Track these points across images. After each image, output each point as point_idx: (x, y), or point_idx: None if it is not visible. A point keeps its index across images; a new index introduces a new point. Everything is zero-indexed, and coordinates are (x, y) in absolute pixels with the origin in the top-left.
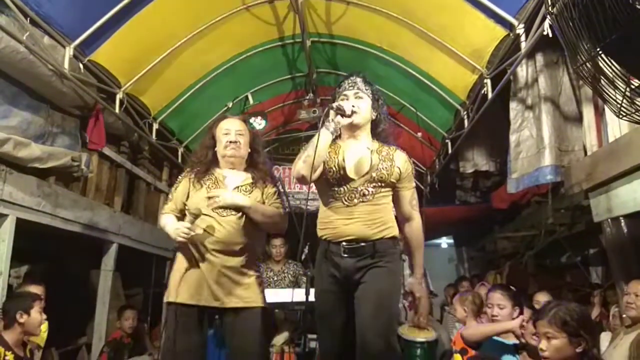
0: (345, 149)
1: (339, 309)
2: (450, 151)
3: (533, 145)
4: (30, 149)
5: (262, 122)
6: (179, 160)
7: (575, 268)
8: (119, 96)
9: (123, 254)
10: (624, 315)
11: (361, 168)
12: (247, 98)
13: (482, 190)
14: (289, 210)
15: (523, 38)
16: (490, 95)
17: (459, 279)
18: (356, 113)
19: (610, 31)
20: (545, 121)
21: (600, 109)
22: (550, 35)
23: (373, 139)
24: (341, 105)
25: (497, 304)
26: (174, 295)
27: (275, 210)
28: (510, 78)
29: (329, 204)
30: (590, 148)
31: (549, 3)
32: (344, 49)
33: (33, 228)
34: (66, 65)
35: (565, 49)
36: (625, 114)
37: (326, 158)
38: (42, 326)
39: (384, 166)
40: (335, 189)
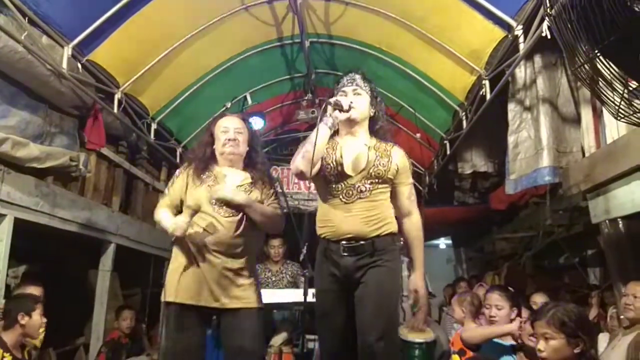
0: (343, 146)
1: (339, 308)
2: (448, 152)
3: (531, 146)
4: (28, 149)
5: (261, 123)
6: (177, 160)
7: (573, 269)
8: (117, 96)
9: (121, 254)
10: (622, 317)
11: (358, 164)
12: (246, 98)
13: (481, 191)
14: (288, 210)
15: (521, 39)
16: (488, 97)
17: (457, 279)
18: (354, 108)
19: (608, 33)
20: (544, 122)
21: (599, 111)
22: (549, 36)
23: (371, 136)
24: (339, 101)
25: (495, 304)
26: (173, 295)
27: (274, 210)
28: (509, 79)
29: (327, 202)
30: (588, 149)
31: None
32: (342, 50)
33: (31, 228)
34: (64, 65)
35: (563, 51)
36: (623, 115)
37: (324, 154)
38: None
39: (381, 162)
40: (333, 185)
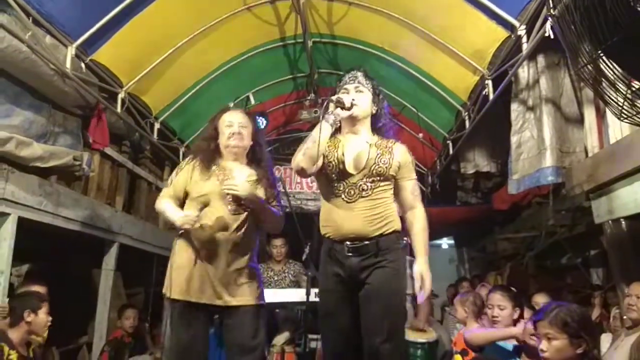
0: (345, 144)
1: (343, 309)
2: (451, 152)
3: (534, 146)
4: (32, 148)
5: (264, 122)
6: (180, 159)
7: (575, 269)
8: (120, 96)
9: (124, 254)
10: (625, 317)
11: (360, 162)
12: (249, 98)
13: (483, 191)
14: (290, 210)
15: (524, 39)
16: (491, 96)
17: (459, 279)
18: (356, 106)
19: (611, 33)
20: (547, 122)
21: (602, 111)
22: (552, 36)
23: (373, 133)
24: (340, 98)
25: (498, 304)
26: (177, 292)
27: (277, 210)
28: (512, 79)
29: (329, 201)
30: (591, 149)
31: (550, 5)
32: (345, 50)
33: (34, 227)
34: (68, 64)
35: (566, 51)
36: (626, 116)
37: (326, 152)
38: None
39: (382, 160)
40: (335, 184)
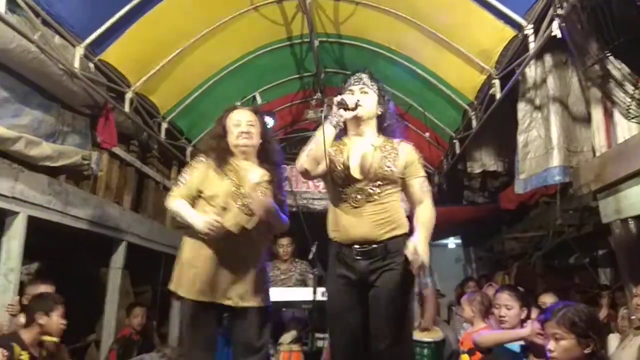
0: (350, 148)
1: (352, 310)
2: (458, 151)
3: (541, 145)
4: (41, 148)
5: (271, 121)
6: (188, 159)
7: (583, 269)
8: (128, 95)
9: (132, 252)
10: (633, 317)
11: (364, 167)
12: (255, 97)
13: (490, 190)
14: (297, 209)
15: (532, 38)
16: (498, 96)
17: (465, 279)
18: (361, 106)
19: (618, 34)
20: (554, 122)
21: (610, 110)
22: (559, 36)
23: (378, 134)
24: (343, 99)
25: (505, 304)
26: (188, 292)
27: (285, 217)
28: (519, 78)
29: (337, 206)
30: (599, 149)
31: (557, 5)
32: (352, 49)
33: (44, 226)
34: (77, 64)
35: (573, 51)
36: (633, 115)
37: (331, 155)
38: None
39: (387, 163)
40: (342, 189)
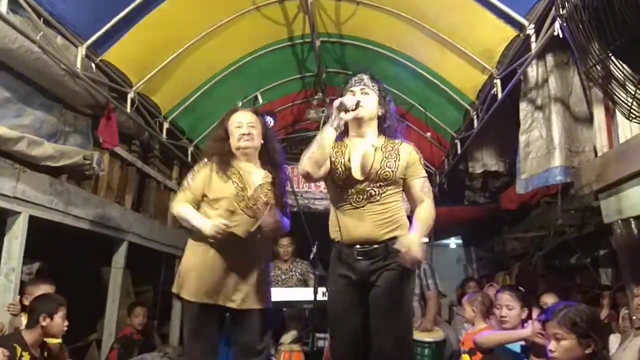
0: (351, 149)
1: (352, 310)
2: (459, 151)
3: (543, 145)
4: (43, 148)
5: (271, 121)
6: (189, 159)
7: (584, 269)
8: (130, 95)
9: (133, 252)
10: (634, 318)
11: (365, 168)
12: (257, 97)
13: (491, 190)
14: (298, 209)
15: (533, 38)
16: (500, 96)
17: (466, 279)
18: (362, 107)
19: (620, 34)
20: (556, 122)
21: (611, 110)
22: (561, 36)
23: (379, 135)
24: (343, 102)
25: (506, 304)
26: (192, 294)
27: (287, 222)
28: (521, 78)
29: (338, 207)
30: (600, 149)
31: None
32: (353, 49)
33: (45, 225)
34: (78, 64)
35: (575, 52)
36: (635, 116)
37: (333, 157)
38: None
39: (388, 164)
40: (343, 190)
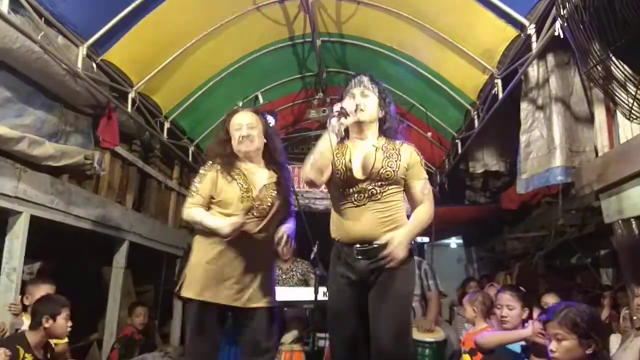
0: (352, 150)
1: (352, 310)
2: (460, 151)
3: (543, 145)
4: (44, 148)
5: (272, 121)
6: (190, 158)
7: (585, 269)
8: (131, 95)
9: (134, 252)
10: (635, 318)
11: (367, 168)
12: (257, 97)
13: (492, 190)
14: (298, 209)
15: (534, 38)
16: (500, 96)
17: (467, 279)
18: (362, 111)
19: (620, 34)
20: (556, 122)
21: (612, 110)
22: (562, 36)
23: (380, 136)
24: (343, 109)
25: (507, 304)
26: (196, 292)
27: (292, 224)
28: (521, 78)
29: (339, 206)
30: (601, 149)
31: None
32: (354, 49)
33: (46, 225)
34: (79, 64)
35: (575, 52)
36: (635, 116)
37: (334, 159)
38: None
39: (389, 163)
40: (344, 190)
